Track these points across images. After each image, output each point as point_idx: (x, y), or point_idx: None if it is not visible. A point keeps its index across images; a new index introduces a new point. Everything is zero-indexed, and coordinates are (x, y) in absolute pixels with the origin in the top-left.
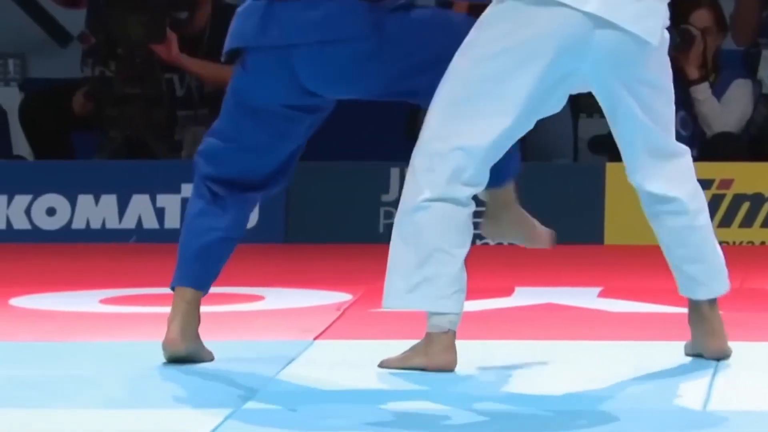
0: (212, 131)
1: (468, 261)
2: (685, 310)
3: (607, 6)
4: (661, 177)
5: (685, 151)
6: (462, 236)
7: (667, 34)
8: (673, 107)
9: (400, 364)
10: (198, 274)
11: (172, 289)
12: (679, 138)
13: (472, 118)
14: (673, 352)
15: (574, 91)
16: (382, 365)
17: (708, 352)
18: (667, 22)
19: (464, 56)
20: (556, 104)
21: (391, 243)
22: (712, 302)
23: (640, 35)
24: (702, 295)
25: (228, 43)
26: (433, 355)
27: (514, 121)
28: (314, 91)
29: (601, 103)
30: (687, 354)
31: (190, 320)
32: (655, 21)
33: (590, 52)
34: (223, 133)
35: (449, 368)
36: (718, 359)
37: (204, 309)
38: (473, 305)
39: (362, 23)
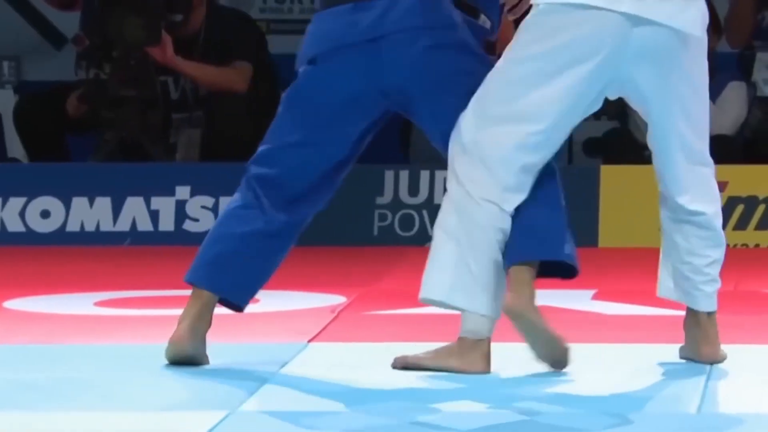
0: (264, 139)
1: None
2: (679, 313)
3: (642, 3)
4: (693, 188)
5: (712, 164)
6: (504, 239)
7: (705, 35)
8: (708, 112)
9: (433, 364)
10: (216, 276)
11: (188, 282)
12: None
13: (508, 120)
14: (667, 354)
15: (611, 95)
16: (407, 361)
17: (701, 357)
18: (707, 20)
19: (502, 59)
20: (592, 106)
21: (436, 237)
22: (711, 313)
23: (679, 29)
24: (706, 306)
25: (312, 48)
26: (472, 362)
27: (549, 124)
28: (391, 84)
29: (638, 106)
30: (681, 357)
31: (202, 322)
32: (694, 14)
33: (629, 51)
34: (276, 131)
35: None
36: (711, 364)
37: None
38: None
39: (450, 14)
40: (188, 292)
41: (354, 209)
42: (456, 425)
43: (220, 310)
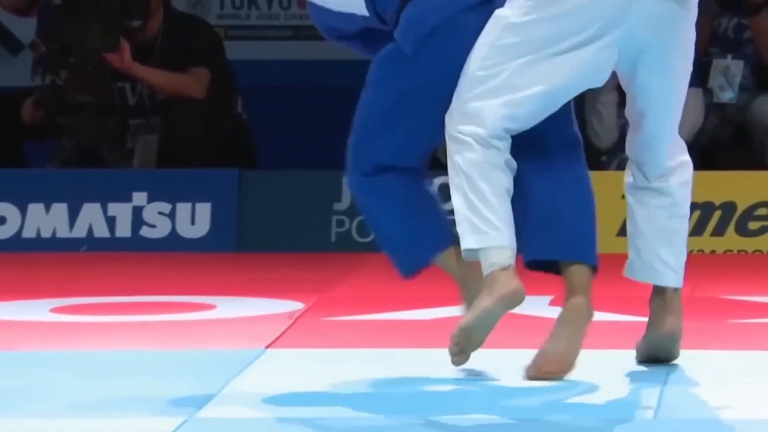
0: (364, 119)
1: (426, 270)
2: (637, 319)
3: None
4: (671, 160)
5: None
6: (507, 170)
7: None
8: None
9: (477, 316)
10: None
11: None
12: None
13: (507, 85)
14: (624, 360)
15: (619, 65)
16: (456, 341)
17: (663, 328)
18: None
19: (498, 24)
20: (598, 77)
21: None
22: (677, 289)
23: None
24: (674, 282)
25: (427, 20)
26: (504, 286)
27: (552, 88)
28: None
29: (635, 71)
30: (638, 356)
31: None
32: None
33: (631, 15)
34: (386, 116)
35: (519, 293)
36: (671, 339)
37: (155, 318)
38: (425, 314)
39: None
40: (145, 298)
41: (311, 215)
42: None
43: (179, 317)
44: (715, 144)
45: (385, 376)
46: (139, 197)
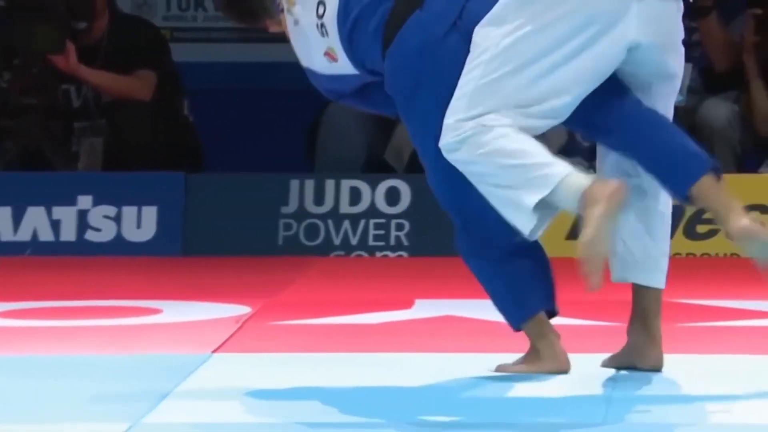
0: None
1: (368, 273)
2: (584, 323)
3: None
4: None
5: None
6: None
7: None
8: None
9: (593, 227)
10: None
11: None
12: (581, 149)
13: (514, 100)
14: (574, 363)
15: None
16: (581, 247)
17: (646, 362)
18: None
19: (499, 30)
20: (601, 76)
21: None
22: (658, 308)
23: None
24: (663, 283)
25: (446, 20)
26: (599, 194)
27: (570, 99)
28: None
29: (634, 69)
30: (615, 366)
31: None
32: None
33: (630, 14)
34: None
35: (622, 189)
36: (654, 370)
37: (101, 322)
38: (372, 318)
39: None
40: (91, 303)
41: (259, 218)
42: None
43: (125, 321)
44: None
45: (333, 380)
46: (84, 201)
